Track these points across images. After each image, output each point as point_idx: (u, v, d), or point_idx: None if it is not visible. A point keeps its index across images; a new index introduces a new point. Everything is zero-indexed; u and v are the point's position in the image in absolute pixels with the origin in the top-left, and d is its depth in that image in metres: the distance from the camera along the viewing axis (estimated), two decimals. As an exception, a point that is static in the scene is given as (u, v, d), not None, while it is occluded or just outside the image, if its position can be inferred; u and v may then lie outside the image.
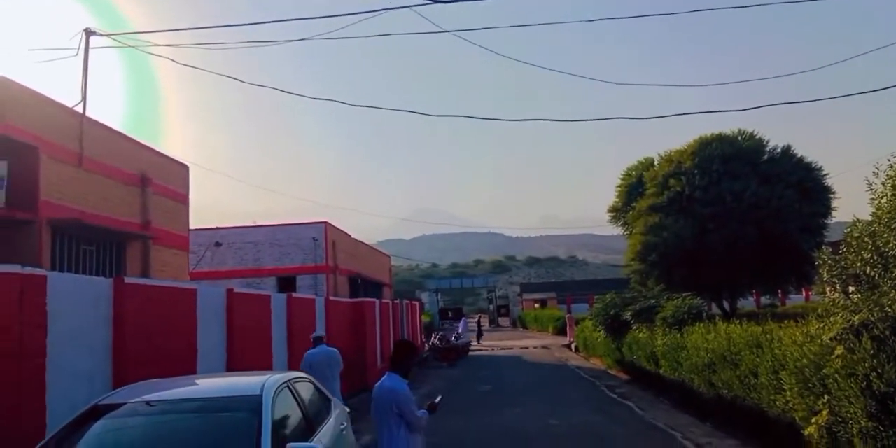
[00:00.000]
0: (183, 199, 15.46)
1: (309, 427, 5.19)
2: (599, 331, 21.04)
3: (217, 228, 25.28)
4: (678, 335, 13.25)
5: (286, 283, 24.11)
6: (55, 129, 10.57)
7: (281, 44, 8.04)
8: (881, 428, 6.20)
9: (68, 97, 13.74)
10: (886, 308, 7.37)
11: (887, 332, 6.76)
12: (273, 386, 4.89)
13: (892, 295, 7.79)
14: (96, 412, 4.67)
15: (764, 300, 39.53)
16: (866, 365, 6.46)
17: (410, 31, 8.35)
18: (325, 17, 10.88)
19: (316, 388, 6.20)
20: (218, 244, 24.24)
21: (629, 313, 17.63)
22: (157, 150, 14.62)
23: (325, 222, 25.53)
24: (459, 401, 14.55)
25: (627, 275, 27.94)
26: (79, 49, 10.82)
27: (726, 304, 26.53)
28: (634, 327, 17.16)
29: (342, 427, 6.13)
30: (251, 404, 4.53)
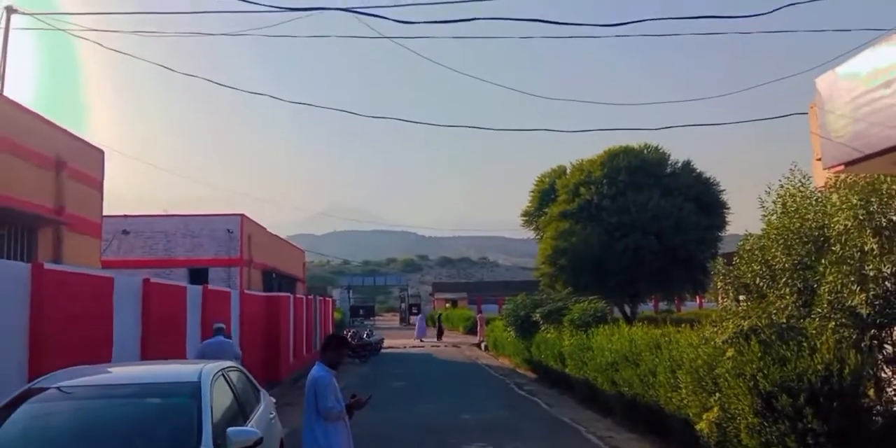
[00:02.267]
0: (97, 185, 14.93)
1: (242, 413, 5.36)
2: (509, 331, 21.67)
3: (125, 216, 24.41)
4: (584, 336, 13.95)
5: (198, 275, 23.55)
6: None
7: (217, 36, 8.02)
8: (765, 423, 6.78)
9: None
10: (773, 316, 8.17)
11: (773, 337, 7.48)
12: (210, 373, 5.03)
13: (777, 304, 8.63)
14: (29, 396, 4.68)
15: (662, 306, 41.72)
16: (753, 366, 7.05)
17: (350, 34, 8.52)
18: (263, 12, 10.82)
19: (247, 377, 6.34)
20: (125, 232, 23.44)
21: (539, 314, 18.32)
22: (73, 133, 14.07)
23: (242, 215, 25.12)
24: (374, 396, 14.77)
25: (537, 277, 28.90)
26: (-2, 26, 10.35)
27: (628, 308, 27.89)
28: (543, 328, 17.86)
29: (271, 416, 6.31)
30: (190, 390, 4.66)
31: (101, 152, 15.37)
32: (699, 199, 26.02)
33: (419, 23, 8.42)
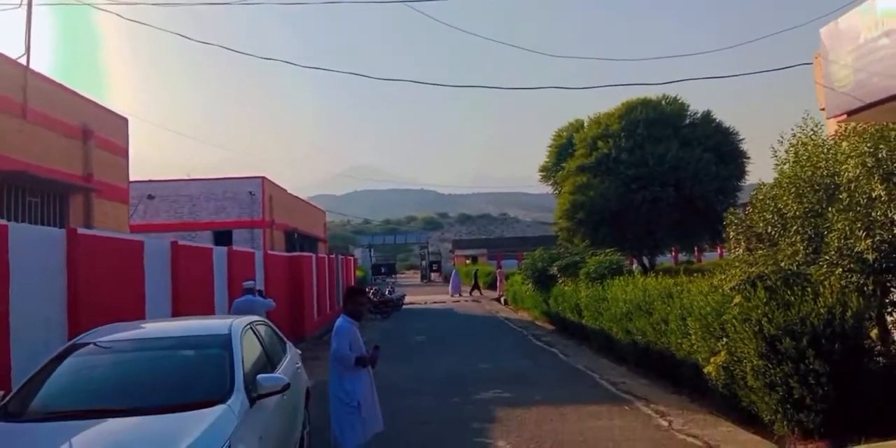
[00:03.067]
0: (123, 152, 15.34)
1: (270, 363, 5.76)
2: (528, 285, 22.03)
3: (150, 181, 24.94)
4: (600, 288, 14.25)
5: (222, 237, 24.12)
6: (0, 81, 10.40)
7: (235, 4, 8.17)
8: (769, 365, 7.04)
9: (10, 48, 13.36)
10: (781, 263, 8.36)
11: (779, 283, 7.69)
12: (239, 326, 5.41)
13: (786, 251, 8.79)
14: (74, 350, 5.08)
15: (682, 257, 41.78)
16: (759, 311, 7.27)
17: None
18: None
19: (273, 330, 6.74)
20: (151, 197, 23.97)
21: (556, 268, 18.62)
22: (98, 102, 14.41)
23: (263, 177, 25.52)
24: (395, 350, 15.29)
25: (556, 232, 29.13)
26: (22, 1, 10.57)
27: (646, 260, 28.11)
28: (560, 281, 18.19)
29: (297, 366, 6.72)
30: (222, 342, 5.04)
31: (126, 120, 15.73)
32: (718, 149, 25.87)
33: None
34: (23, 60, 11.03)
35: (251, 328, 5.76)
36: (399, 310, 27.98)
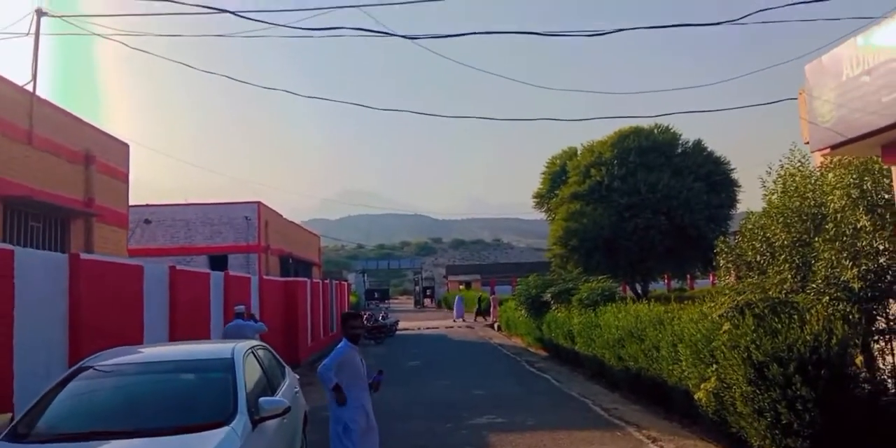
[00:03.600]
0: (123, 177, 15.56)
1: (270, 386, 5.89)
2: (521, 311, 22.12)
3: (147, 205, 25.09)
4: (593, 314, 14.40)
5: (218, 262, 24.22)
6: (7, 106, 10.66)
7: (233, 37, 8.46)
8: (758, 391, 7.17)
9: (15, 74, 13.62)
10: (769, 291, 8.57)
11: (766, 311, 7.87)
12: (241, 351, 5.55)
13: (774, 279, 9.00)
14: (80, 373, 5.20)
15: (674, 284, 42.00)
16: (747, 338, 7.40)
17: (363, 28, 8.94)
18: (278, 11, 11.25)
19: (272, 355, 6.87)
20: (147, 221, 24.10)
21: (549, 295, 18.77)
22: (100, 128, 14.67)
23: (259, 202, 25.71)
24: (389, 374, 15.24)
25: (549, 258, 29.33)
26: (30, 29, 10.86)
27: (639, 287, 28.30)
28: (553, 307, 18.32)
29: (296, 390, 6.84)
30: (225, 365, 5.18)
31: (126, 146, 15.99)
32: (709, 178, 26.26)
33: (422, 37, 9.04)
34: (29, 87, 11.29)
35: (252, 352, 5.90)
36: (392, 335, 27.99)
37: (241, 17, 8.19)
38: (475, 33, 8.55)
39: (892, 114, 5.81)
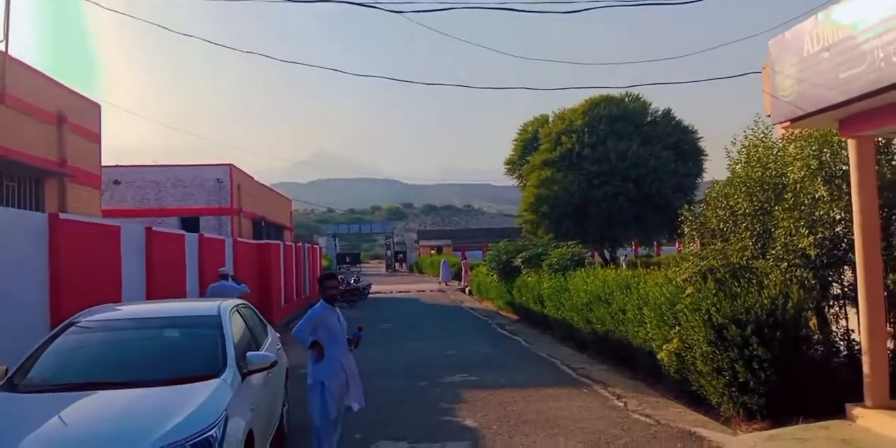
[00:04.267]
0: (95, 138, 15.40)
1: (255, 343, 6.12)
2: (492, 275, 22.50)
3: (117, 166, 24.78)
4: (562, 279, 14.79)
5: (190, 224, 24.10)
6: (-23, 65, 10.48)
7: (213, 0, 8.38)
8: (717, 352, 7.56)
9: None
10: (730, 257, 8.95)
11: (727, 276, 8.25)
12: (227, 308, 5.75)
13: (736, 246, 9.37)
14: (70, 327, 5.36)
15: (641, 251, 42.86)
16: (708, 301, 7.77)
17: (347, 1, 8.92)
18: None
19: (255, 313, 7.08)
20: (116, 182, 23.84)
21: (520, 260, 19.15)
22: (72, 88, 14.45)
23: (230, 165, 25.55)
24: (364, 336, 15.63)
25: (520, 224, 29.73)
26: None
27: (608, 254, 28.90)
28: (524, 272, 18.72)
29: (278, 347, 7.08)
30: (213, 322, 5.39)
31: (98, 106, 15.78)
32: (678, 147, 26.71)
33: (406, 12, 9.10)
34: (1, 47, 11.09)
35: (237, 310, 6.11)
36: (365, 298, 28.30)
37: None
38: (456, 8, 8.62)
39: (849, 90, 6.11)
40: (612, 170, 25.35)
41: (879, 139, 8.20)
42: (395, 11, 8.67)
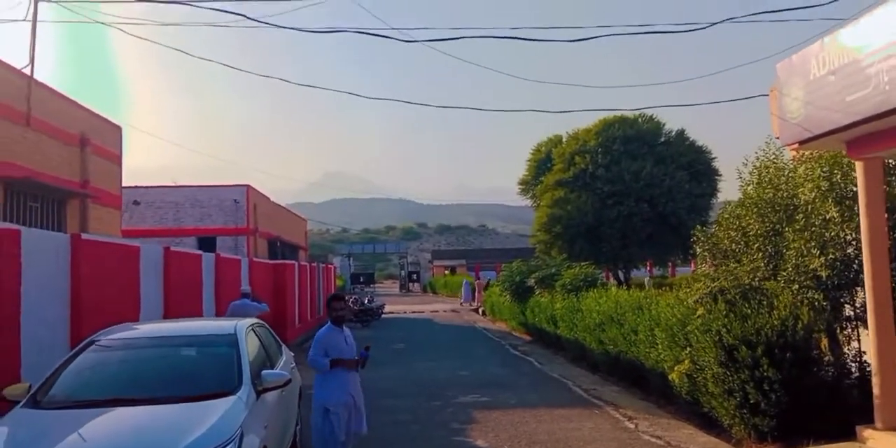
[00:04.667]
0: (116, 160, 15.77)
1: (269, 362, 6.24)
2: (505, 296, 22.52)
3: (136, 186, 25.20)
4: (575, 299, 14.82)
5: (207, 244, 24.41)
6: (6, 90, 10.86)
7: (226, 26, 8.64)
8: (728, 373, 7.57)
9: (13, 58, 13.66)
10: (741, 278, 8.98)
11: (737, 297, 8.29)
12: (243, 327, 5.90)
13: (747, 267, 9.41)
14: (94, 345, 5.52)
15: (656, 271, 42.70)
16: (719, 323, 7.80)
17: (363, 31, 9.20)
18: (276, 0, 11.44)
19: (270, 333, 7.21)
20: (136, 202, 24.23)
21: (533, 280, 19.18)
22: (95, 111, 14.84)
23: (248, 185, 25.91)
24: (375, 356, 15.59)
25: (533, 244, 29.78)
26: (27, 15, 10.98)
27: (622, 274, 28.85)
28: (537, 292, 18.74)
29: (292, 366, 7.20)
30: (229, 340, 5.53)
31: (119, 128, 16.18)
32: (692, 167, 26.76)
33: (419, 41, 9.41)
34: (27, 71, 11.44)
35: (252, 329, 6.25)
36: (379, 319, 28.36)
37: (246, 17, 8.37)
38: (466, 37, 8.87)
39: (855, 112, 6.21)
40: (626, 190, 25.42)
41: (889, 161, 8.27)
42: (409, 40, 8.90)
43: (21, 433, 4.40)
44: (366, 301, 28.76)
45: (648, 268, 40.41)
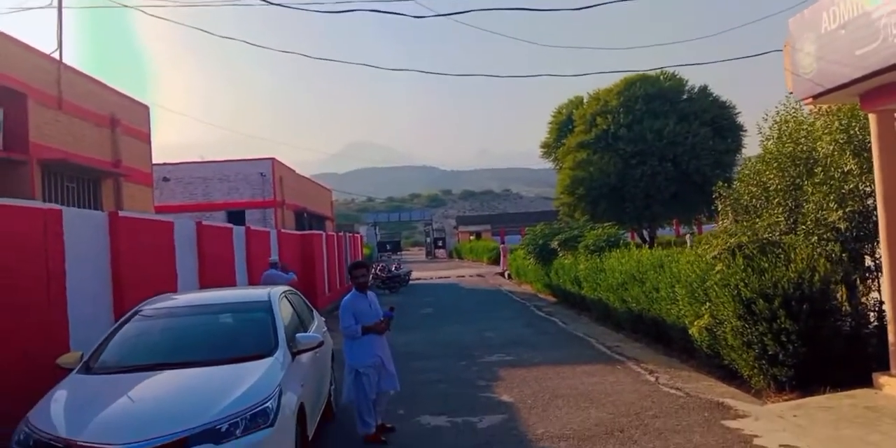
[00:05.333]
0: (146, 138, 16.18)
1: (303, 326, 6.60)
2: (530, 259, 22.76)
3: (165, 164, 25.73)
4: (598, 260, 15.01)
5: (236, 217, 24.96)
6: (38, 75, 11.26)
7: (245, 5, 8.79)
8: (746, 326, 7.74)
9: (40, 42, 14.03)
10: (759, 232, 9.09)
11: (755, 251, 8.41)
12: (276, 294, 6.25)
13: (767, 221, 9.49)
14: (139, 315, 5.91)
15: (683, 230, 42.53)
16: (737, 277, 7.93)
17: (377, 10, 9.28)
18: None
19: (302, 299, 7.57)
20: (166, 179, 24.77)
21: (556, 242, 19.37)
22: (122, 92, 15.19)
23: (273, 159, 26.27)
24: (404, 321, 16.08)
25: (557, 207, 29.86)
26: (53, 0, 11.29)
27: (646, 234, 28.88)
28: (561, 255, 18.95)
29: (324, 330, 7.56)
30: (264, 307, 5.88)
31: (147, 108, 16.58)
32: (715, 123, 26.43)
33: (429, 16, 9.45)
34: (55, 55, 11.79)
35: (286, 296, 6.59)
36: (406, 285, 28.86)
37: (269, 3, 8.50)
38: (474, 10, 8.93)
39: (866, 66, 6.24)
40: (649, 149, 25.28)
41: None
42: (418, 16, 9.01)
43: (79, 395, 4.79)
44: (393, 268, 29.26)
45: (675, 226, 40.32)
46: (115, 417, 4.41)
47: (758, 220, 9.70)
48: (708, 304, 8.67)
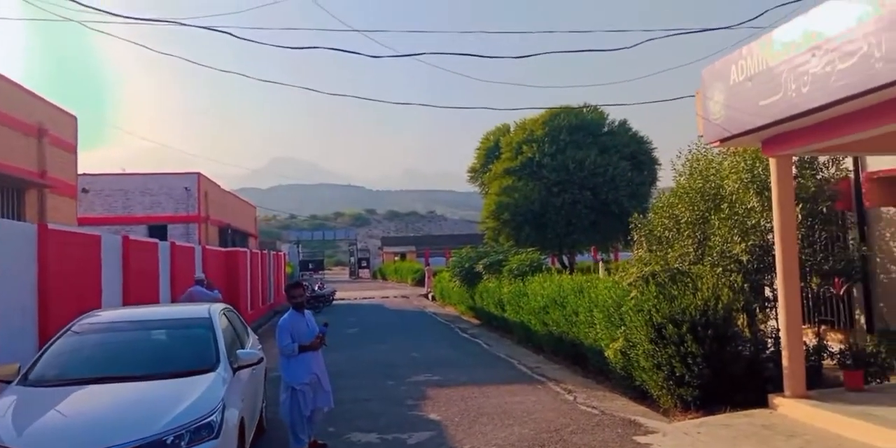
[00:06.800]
0: (72, 149, 15.74)
1: (240, 342, 6.73)
2: (455, 281, 23.19)
3: (84, 174, 24.87)
4: (521, 284, 15.56)
5: (157, 232, 24.35)
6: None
7: (187, 25, 8.79)
8: (657, 349, 8.31)
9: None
10: (670, 262, 9.80)
11: (667, 280, 9.09)
12: (216, 311, 6.38)
13: (677, 252, 10.23)
14: (79, 329, 5.92)
15: (601, 256, 44.01)
16: (650, 303, 8.55)
17: (336, 49, 9.43)
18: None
19: (238, 317, 7.68)
20: (85, 190, 23.93)
21: (481, 266, 19.89)
22: (50, 101, 14.79)
23: (198, 173, 25.85)
24: (330, 340, 16.05)
25: (482, 231, 30.47)
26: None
27: (566, 259, 29.83)
28: (486, 278, 19.46)
29: (259, 347, 7.68)
30: (205, 323, 6.00)
31: (75, 118, 16.12)
32: (634, 158, 27.73)
33: (384, 56, 9.75)
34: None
35: (224, 314, 6.72)
36: (330, 305, 28.76)
37: (229, 34, 8.58)
38: (425, 53, 9.31)
39: (768, 115, 6.99)
40: (571, 178, 26.23)
41: (805, 156, 9.16)
42: (375, 56, 9.34)
43: (21, 406, 4.80)
44: (316, 288, 29.10)
45: (593, 253, 41.74)
46: (62, 427, 4.47)
47: (669, 250, 10.42)
48: (623, 327, 9.23)
